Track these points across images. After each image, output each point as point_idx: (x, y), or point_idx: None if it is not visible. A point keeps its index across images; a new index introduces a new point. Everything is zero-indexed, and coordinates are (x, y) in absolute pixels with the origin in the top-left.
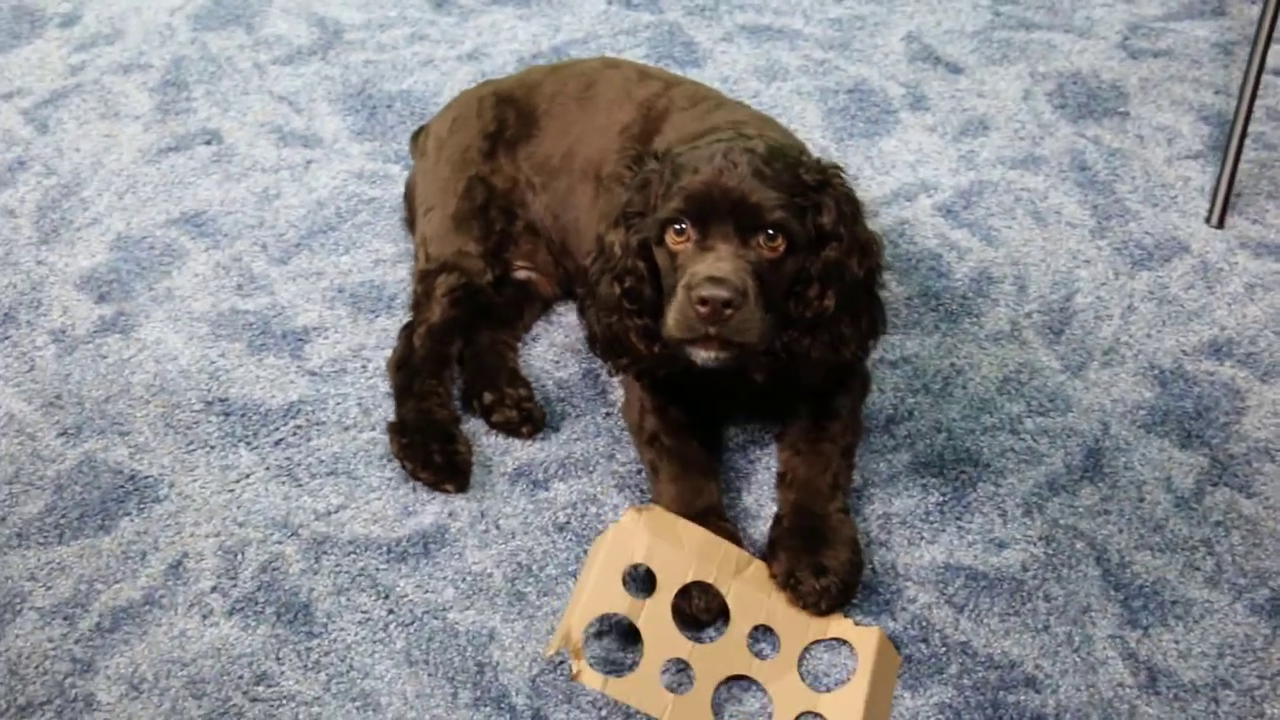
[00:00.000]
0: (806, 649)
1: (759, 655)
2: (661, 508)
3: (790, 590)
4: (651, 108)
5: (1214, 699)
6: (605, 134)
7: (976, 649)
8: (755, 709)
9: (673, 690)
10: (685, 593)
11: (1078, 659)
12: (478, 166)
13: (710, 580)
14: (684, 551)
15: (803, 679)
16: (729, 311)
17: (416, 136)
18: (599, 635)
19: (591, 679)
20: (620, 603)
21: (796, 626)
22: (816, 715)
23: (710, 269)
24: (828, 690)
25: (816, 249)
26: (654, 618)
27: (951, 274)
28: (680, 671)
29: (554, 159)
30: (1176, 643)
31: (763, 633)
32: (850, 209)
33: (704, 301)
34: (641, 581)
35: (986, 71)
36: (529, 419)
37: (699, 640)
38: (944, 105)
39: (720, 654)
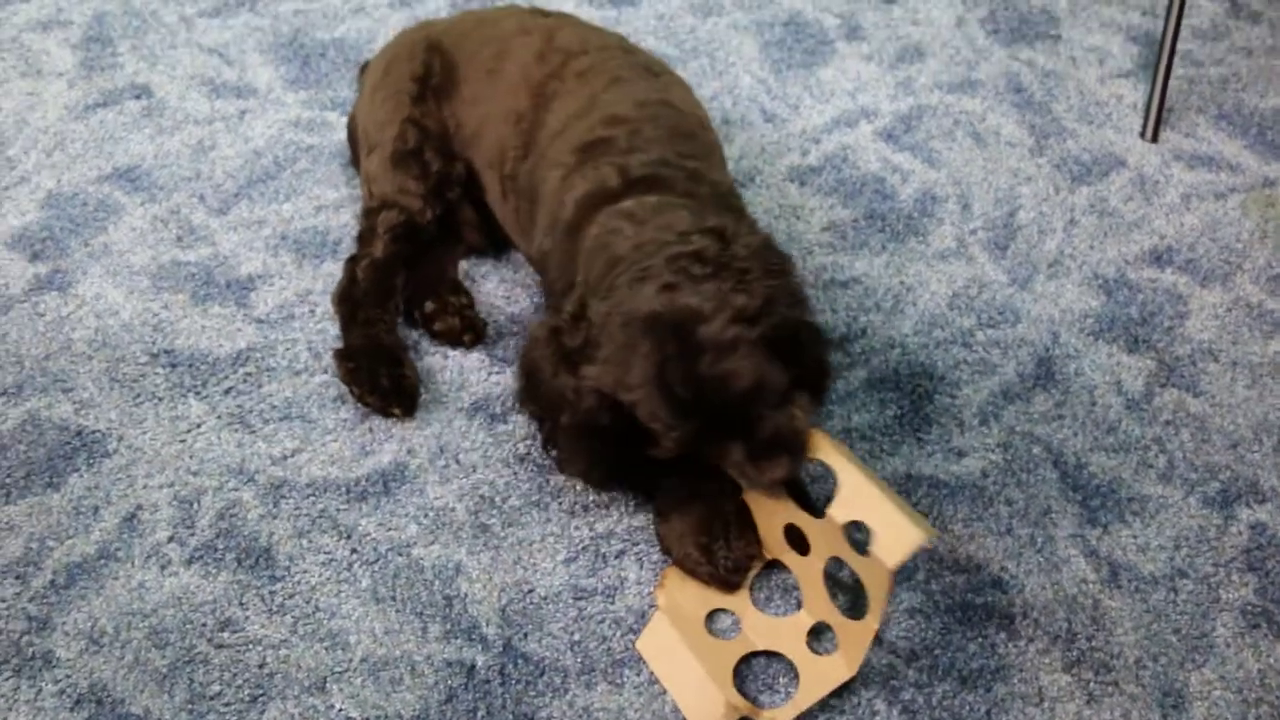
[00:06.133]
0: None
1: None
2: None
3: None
4: (542, 94)
5: (1173, 588)
6: (504, 123)
7: (943, 554)
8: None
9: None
10: (712, 557)
11: (1041, 559)
12: (409, 110)
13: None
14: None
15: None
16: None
17: (364, 69)
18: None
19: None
20: (717, 663)
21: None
22: (855, 525)
23: (760, 468)
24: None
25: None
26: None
27: (896, 196)
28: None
29: (466, 129)
30: (1135, 538)
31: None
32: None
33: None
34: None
35: (919, 0)
36: (470, 327)
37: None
38: (879, 34)
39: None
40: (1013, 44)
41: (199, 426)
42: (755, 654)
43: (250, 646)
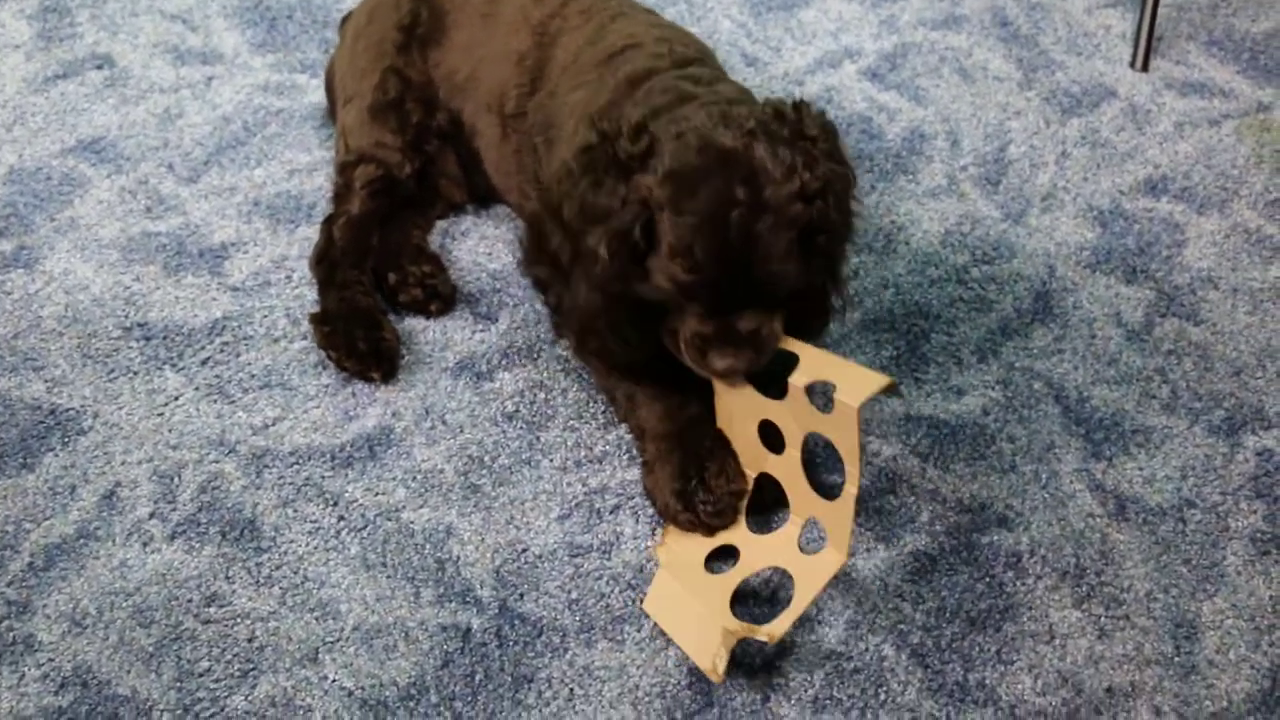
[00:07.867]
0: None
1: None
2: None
3: None
4: (545, 32)
5: (1181, 519)
6: (504, 63)
7: (946, 495)
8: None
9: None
10: (690, 504)
11: (1046, 495)
12: (392, 59)
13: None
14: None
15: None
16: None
17: (346, 20)
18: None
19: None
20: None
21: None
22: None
23: (722, 352)
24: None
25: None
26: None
27: (883, 135)
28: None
29: (458, 76)
30: (1140, 470)
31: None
32: (834, 156)
33: (722, 374)
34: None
35: None
36: (436, 295)
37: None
38: None
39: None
40: None
41: (176, 399)
42: (756, 577)
43: (238, 620)
